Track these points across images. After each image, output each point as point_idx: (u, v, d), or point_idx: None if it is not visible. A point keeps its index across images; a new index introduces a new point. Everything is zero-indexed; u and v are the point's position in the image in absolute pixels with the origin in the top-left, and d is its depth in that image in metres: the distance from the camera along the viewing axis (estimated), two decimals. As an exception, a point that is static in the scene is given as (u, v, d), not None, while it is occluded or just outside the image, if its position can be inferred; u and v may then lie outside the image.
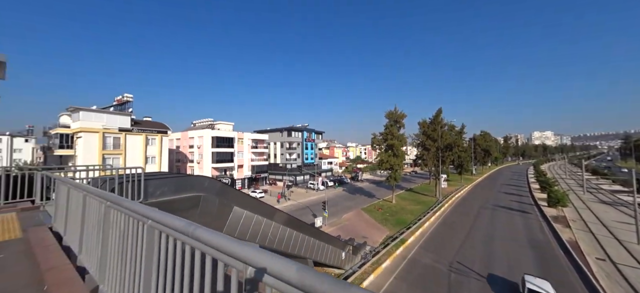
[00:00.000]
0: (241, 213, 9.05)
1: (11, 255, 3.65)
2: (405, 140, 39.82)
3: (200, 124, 56.35)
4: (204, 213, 7.73)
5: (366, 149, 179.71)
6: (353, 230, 26.66)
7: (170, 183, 6.93)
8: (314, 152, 70.33)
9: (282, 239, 10.94)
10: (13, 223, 5.27)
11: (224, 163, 48.01)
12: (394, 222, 29.68)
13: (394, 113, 39.31)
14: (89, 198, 2.97)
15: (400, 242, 21.83)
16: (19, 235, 4.49)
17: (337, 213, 33.42)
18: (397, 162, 37.62)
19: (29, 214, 5.97)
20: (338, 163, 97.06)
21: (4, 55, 6.73)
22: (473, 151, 70.81)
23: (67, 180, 3.84)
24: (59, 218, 4.27)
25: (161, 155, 39.13)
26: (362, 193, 51.46)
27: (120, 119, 36.37)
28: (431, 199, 41.37)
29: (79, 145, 32.02)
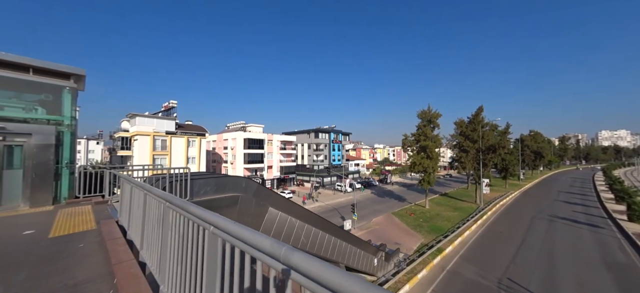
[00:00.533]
0: (276, 214, 9.18)
1: (89, 245, 4.11)
2: (440, 141, 36.95)
3: (233, 126, 60.13)
4: (242, 213, 7.98)
5: (395, 151, 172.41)
6: (384, 235, 25.53)
7: (212, 183, 7.29)
8: (341, 153, 69.74)
9: (314, 242, 10.85)
10: (89, 215, 6.05)
11: (254, 164, 50.39)
12: (428, 228, 27.66)
13: (427, 112, 36.84)
14: (149, 197, 3.14)
15: (437, 251, 20.17)
16: (93, 226, 5.09)
17: (366, 216, 32.47)
18: (431, 165, 35.08)
19: (100, 207, 6.82)
20: (365, 165, 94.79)
21: (83, 70, 7.83)
22: (520, 153, 62.69)
23: (130, 179, 4.20)
24: (123, 213, 4.70)
25: (200, 155, 42.66)
26: (391, 196, 49.36)
27: (166, 123, 40.66)
28: (470, 206, 37.67)
29: (135, 147, 36.59)
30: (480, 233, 25.14)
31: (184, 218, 2.06)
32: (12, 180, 6.91)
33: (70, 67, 7.61)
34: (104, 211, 6.28)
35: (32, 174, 7.02)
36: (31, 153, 7.04)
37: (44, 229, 4.97)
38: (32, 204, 6.97)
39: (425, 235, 25.35)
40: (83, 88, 9.23)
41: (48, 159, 7.22)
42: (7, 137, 6.81)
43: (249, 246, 1.20)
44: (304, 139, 66.06)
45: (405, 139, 39.71)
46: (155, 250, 2.76)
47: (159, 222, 2.74)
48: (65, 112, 7.63)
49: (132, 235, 3.92)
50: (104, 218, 5.62)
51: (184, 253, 2.05)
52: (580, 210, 33.98)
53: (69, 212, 6.37)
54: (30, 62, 7.06)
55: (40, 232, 4.79)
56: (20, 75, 7.02)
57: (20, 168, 7.01)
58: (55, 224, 5.29)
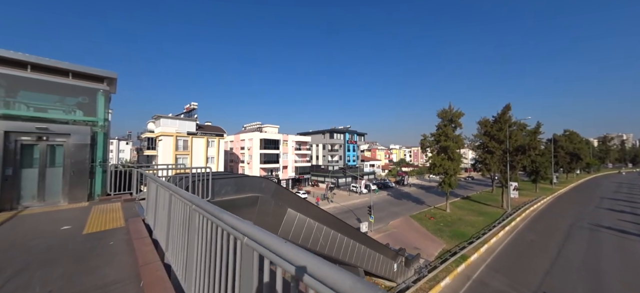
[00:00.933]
0: (294, 216, 9.05)
1: (118, 243, 4.20)
2: (462, 142, 34.95)
3: (250, 127, 61.64)
4: (261, 214, 7.94)
5: (411, 151, 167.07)
6: (402, 239, 24.59)
7: (232, 183, 7.31)
8: (356, 154, 68.77)
9: (333, 245, 10.59)
10: (119, 212, 6.30)
11: (270, 164, 51.21)
12: (450, 233, 26.21)
13: (448, 111, 35.06)
14: (175, 198, 3.07)
15: (461, 258, 18.98)
16: (122, 224, 5.25)
17: (383, 219, 31.57)
18: (453, 166, 33.29)
19: (129, 205, 7.12)
20: (380, 165, 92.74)
21: (115, 73, 8.24)
22: (553, 155, 57.61)
23: (155, 179, 4.23)
24: (149, 212, 4.78)
25: (218, 155, 44.16)
26: (409, 198, 47.70)
27: (188, 124, 42.57)
28: (496, 210, 35.20)
29: (160, 147, 38.71)
30: (508, 241, 23.31)
31: (212, 224, 1.91)
32: (54, 177, 7.41)
33: (104, 70, 8.05)
34: (131, 209, 6.51)
35: (70, 172, 7.49)
36: (70, 152, 7.52)
37: (79, 225, 5.21)
38: (70, 200, 7.43)
39: (447, 241, 24.01)
40: (115, 91, 9.76)
41: (84, 158, 7.67)
42: (50, 137, 7.33)
43: (312, 278, 0.89)
44: (319, 140, 66.03)
45: (424, 139, 38.11)
46: (180, 254, 2.67)
47: (184, 225, 2.65)
48: (99, 114, 8.07)
49: (158, 235, 3.93)
50: (132, 216, 5.80)
51: (212, 261, 1.90)
52: (630, 219, 30.24)
53: (101, 209, 6.69)
54: (70, 67, 7.55)
55: (76, 228, 5.02)
56: (61, 80, 7.52)
57: (60, 167, 7.51)
58: (89, 220, 5.54)
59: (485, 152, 37.02)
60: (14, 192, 6.78)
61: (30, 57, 6.91)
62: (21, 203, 6.92)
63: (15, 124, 6.74)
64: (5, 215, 6.10)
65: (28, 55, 6.89)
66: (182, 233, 2.65)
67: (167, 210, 3.35)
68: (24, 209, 6.78)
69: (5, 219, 5.75)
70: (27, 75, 7.01)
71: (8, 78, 6.89)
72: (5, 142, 6.60)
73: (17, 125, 6.76)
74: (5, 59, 6.71)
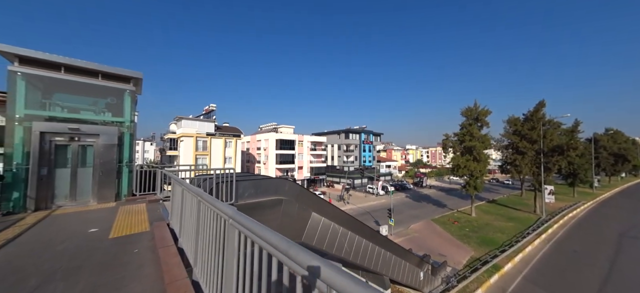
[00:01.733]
0: (319, 220, 8.56)
1: (143, 251, 3.93)
2: (489, 141, 32.52)
3: (265, 127, 62.44)
4: (285, 217, 7.52)
5: (429, 152, 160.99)
6: (425, 244, 23.25)
7: (255, 185, 6.96)
8: (372, 154, 67.13)
9: (358, 251, 9.97)
10: (144, 214, 6.18)
11: (286, 165, 51.41)
12: (477, 240, 24.36)
13: (473, 109, 32.84)
14: (204, 206, 2.67)
15: (493, 268, 17.41)
16: (147, 228, 5.04)
17: (402, 222, 30.24)
18: (479, 168, 31.06)
19: (153, 206, 7.03)
20: (397, 166, 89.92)
21: (140, 73, 8.27)
22: (593, 156, 52.12)
23: (181, 182, 3.93)
24: (175, 217, 4.50)
25: (236, 156, 45.04)
26: (429, 201, 45.55)
27: (207, 125, 43.87)
28: (528, 216, 32.35)
29: (181, 147, 40.22)
30: (547, 251, 21.10)
31: (262, 250, 1.43)
32: (85, 177, 7.54)
33: (130, 71, 8.09)
34: (156, 211, 6.37)
35: (99, 172, 7.58)
36: (99, 152, 7.61)
37: (106, 227, 5.09)
38: (99, 200, 7.51)
39: (475, 248, 22.28)
40: (140, 92, 9.89)
41: (112, 158, 7.74)
42: (81, 137, 7.45)
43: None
44: (334, 140, 65.31)
45: (446, 139, 36.10)
46: (212, 275, 2.24)
47: (217, 240, 2.21)
48: (126, 114, 8.13)
49: (184, 244, 3.60)
50: (157, 219, 5.62)
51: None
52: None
53: (128, 210, 6.63)
54: (99, 68, 7.65)
55: (103, 230, 4.89)
56: (92, 81, 7.64)
57: (90, 167, 7.63)
58: (115, 223, 5.43)
59: (516, 153, 34.17)
60: (49, 192, 6.94)
61: (64, 59, 7.05)
62: (55, 203, 7.08)
63: (50, 125, 6.89)
64: (40, 214, 6.21)
65: (62, 57, 7.03)
66: (215, 249, 2.22)
67: (195, 218, 2.97)
68: (57, 208, 6.93)
69: (39, 219, 5.83)
70: (61, 76, 7.16)
71: (45, 80, 7.08)
72: (41, 143, 6.76)
73: (52, 126, 6.91)
74: (42, 61, 6.88)
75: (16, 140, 6.41)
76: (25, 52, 6.53)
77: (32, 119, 6.63)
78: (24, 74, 6.54)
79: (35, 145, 6.60)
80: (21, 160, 6.47)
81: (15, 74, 6.41)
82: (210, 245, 2.40)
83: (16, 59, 6.51)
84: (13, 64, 6.48)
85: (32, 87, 6.77)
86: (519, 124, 34.62)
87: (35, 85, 6.85)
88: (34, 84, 6.80)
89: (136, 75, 8.25)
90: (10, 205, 6.28)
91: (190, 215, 3.20)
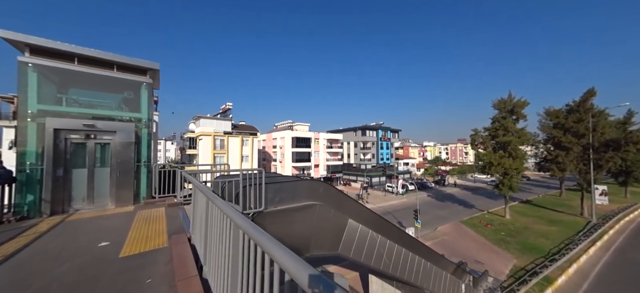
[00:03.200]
0: (356, 228, 7.38)
1: (157, 279, 2.99)
2: (527, 136, 29.28)
3: (281, 125, 62.19)
4: (320, 225, 6.43)
5: (448, 149, 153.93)
6: (458, 249, 21.28)
7: (287, 189, 5.91)
8: (390, 151, 64.62)
9: (397, 262, 8.69)
10: (162, 222, 5.37)
11: (302, 163, 50.73)
12: (518, 245, 21.88)
13: (507, 101, 29.73)
14: (242, 234, 1.58)
15: (544, 280, 15.24)
16: (165, 243, 4.16)
17: (428, 223, 28.23)
18: (515, 166, 28.04)
19: (173, 211, 6.25)
20: (414, 164, 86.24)
21: (157, 64, 7.53)
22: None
23: (205, 190, 2.95)
24: (197, 231, 3.56)
25: (252, 154, 45.04)
26: (453, 200, 42.75)
27: (224, 123, 44.19)
28: (574, 219, 28.84)
29: (200, 146, 40.82)
30: (607, 261, 18.29)
31: None
32: (102, 178, 6.94)
33: (146, 61, 7.38)
34: (176, 218, 5.54)
35: (116, 172, 6.95)
36: (116, 151, 6.98)
37: (119, 239, 4.29)
38: (117, 203, 6.89)
39: (516, 255, 19.91)
40: (158, 86, 9.25)
41: (129, 157, 7.09)
42: (97, 135, 6.85)
43: None
44: (350, 137, 63.58)
45: (475, 135, 33.22)
46: None
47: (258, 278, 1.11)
48: (143, 109, 7.44)
49: (210, 276, 2.59)
50: (176, 229, 4.74)
51: None
52: None
53: (145, 216, 5.89)
54: (114, 58, 6.98)
55: (115, 244, 4.08)
56: (107, 72, 7.00)
57: (108, 167, 7.03)
58: (130, 232, 4.63)
59: (558, 148, 30.56)
60: (65, 194, 6.40)
61: (77, 48, 6.43)
62: (72, 206, 6.53)
63: (65, 122, 6.30)
64: (54, 220, 5.62)
65: (75, 47, 6.41)
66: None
67: (227, 248, 1.92)
68: (74, 212, 6.36)
69: (51, 226, 5.20)
70: (74, 68, 6.55)
71: (58, 72, 6.50)
72: (55, 141, 6.19)
73: (66, 122, 6.32)
74: (54, 51, 6.29)
75: (29, 138, 5.86)
76: (37, 41, 5.95)
77: (45, 115, 6.06)
78: (35, 65, 5.96)
79: (50, 143, 6.03)
80: (35, 159, 5.93)
81: (27, 65, 5.85)
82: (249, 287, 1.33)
83: (27, 48, 5.95)
84: (24, 54, 5.92)
85: (45, 80, 6.19)
86: (562, 116, 30.90)
87: (49, 78, 6.27)
88: (47, 77, 6.22)
89: (153, 66, 7.52)
90: (25, 209, 5.76)
91: (221, 242, 2.17)
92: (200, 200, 3.36)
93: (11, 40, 5.69)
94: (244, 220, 1.54)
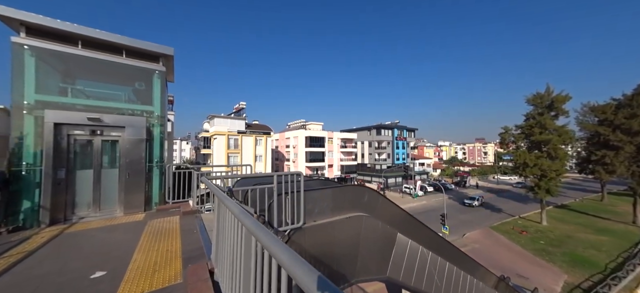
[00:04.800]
0: (405, 244, 6.01)
1: None
2: (569, 135, 26.25)
3: (294, 125, 61.42)
4: (367, 247, 5.12)
5: (465, 148, 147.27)
6: (492, 260, 19.16)
7: (328, 197, 4.67)
8: (406, 151, 62.02)
9: (449, 283, 7.22)
10: (176, 239, 4.28)
11: (316, 163, 49.59)
12: (564, 258, 19.38)
13: (544, 95, 26.90)
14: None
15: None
16: (178, 276, 3.01)
17: (455, 229, 26.08)
18: (555, 167, 25.24)
19: (188, 222, 5.18)
20: (430, 164, 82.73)
21: (171, 48, 6.54)
22: None
23: (231, 206, 1.76)
24: (221, 266, 2.38)
25: (266, 154, 44.46)
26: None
27: (238, 123, 43.92)
28: (624, 228, 25.55)
29: (214, 146, 40.72)
30: (677, 280, 15.59)
31: None
32: (110, 181, 6.03)
33: (159, 45, 6.41)
34: (192, 233, 4.43)
35: (126, 174, 6.01)
36: (125, 149, 6.04)
37: (119, 267, 3.20)
38: (126, 210, 5.95)
39: (566, 269, 17.50)
40: (172, 77, 8.33)
41: (140, 156, 6.12)
42: (105, 131, 5.93)
43: None
44: (365, 137, 61.64)
45: (505, 133, 30.57)
46: None
47: None
48: (155, 101, 6.47)
49: None
50: (193, 252, 3.61)
51: None
52: None
53: (157, 227, 4.85)
54: (123, 42, 6.04)
55: (112, 276, 2.99)
56: (115, 58, 6.07)
57: (116, 168, 6.10)
58: (135, 256, 3.54)
59: (605, 148, 27.25)
60: (68, 199, 5.51)
61: (80, 28, 5.51)
62: (76, 213, 5.64)
63: (66, 115, 5.41)
64: (51, 231, 4.69)
65: (78, 26, 5.50)
66: None
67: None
68: (77, 221, 5.46)
69: (45, 240, 4.24)
70: (78, 52, 5.65)
71: (60, 57, 5.63)
72: (56, 137, 5.30)
73: (68, 115, 5.42)
74: (55, 31, 5.40)
75: (25, 133, 4.99)
76: (34, 18, 5.08)
77: (45, 107, 5.18)
78: (33, 48, 5.08)
79: (49, 140, 5.14)
80: (33, 159, 5.05)
81: (22, 47, 4.97)
82: None
83: (23, 27, 5.08)
84: (18, 34, 5.06)
85: (45, 66, 5.32)
86: (610, 112, 27.53)
87: (49, 63, 5.40)
88: (47, 62, 5.35)
89: (166, 51, 6.54)
90: (20, 218, 4.89)
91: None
92: (228, 220, 2.16)
93: (3, 17, 4.83)
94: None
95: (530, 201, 38.96)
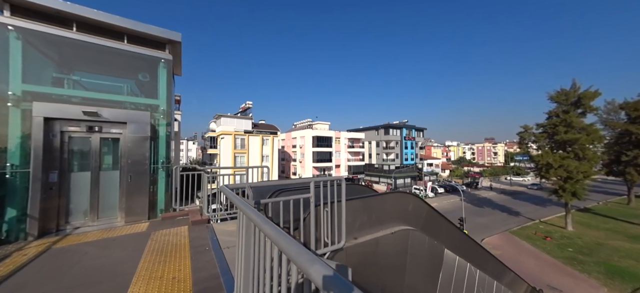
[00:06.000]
0: (453, 261, 5.06)
1: None
2: (599, 134, 24.56)
3: (300, 124, 60.68)
4: (413, 266, 4.17)
5: (474, 149, 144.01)
6: (517, 269, 17.69)
7: (370, 207, 3.75)
8: (414, 151, 60.47)
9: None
10: (185, 260, 3.45)
11: (323, 163, 48.70)
12: (599, 268, 17.81)
13: (570, 92, 25.28)
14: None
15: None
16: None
17: (472, 234, 24.65)
18: (582, 168, 23.64)
19: (199, 233, 4.38)
20: (438, 164, 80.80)
21: (178, 34, 5.74)
22: None
23: (259, 222, 0.91)
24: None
25: (273, 154, 43.82)
26: (492, 206, 38.34)
27: (244, 122, 43.41)
28: (655, 233, 23.74)
29: (221, 145, 40.30)
30: None
31: None
32: (110, 184, 5.27)
33: (165, 30, 5.63)
34: (204, 249, 3.59)
35: (128, 177, 5.24)
36: (127, 148, 5.27)
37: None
38: (128, 217, 5.18)
39: (604, 281, 16.00)
40: (180, 70, 7.57)
41: (143, 156, 5.35)
42: (103, 127, 5.17)
43: None
44: (372, 136, 60.39)
45: (524, 132, 29.02)
46: None
47: None
48: (160, 94, 5.68)
49: None
50: (206, 280, 2.77)
51: None
52: None
53: (162, 241, 4.04)
54: (124, 25, 5.26)
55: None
56: (116, 44, 5.30)
57: (117, 169, 5.34)
58: (132, 286, 2.72)
59: (637, 148, 25.43)
60: (61, 206, 4.76)
61: (74, 7, 4.76)
62: (70, 222, 4.88)
63: (59, 108, 4.66)
64: (37, 247, 3.91)
65: (72, 5, 4.75)
66: None
67: None
68: (71, 232, 4.70)
69: (26, 260, 3.45)
70: (73, 36, 4.89)
71: (52, 40, 4.90)
72: (47, 134, 4.56)
73: (61, 109, 4.67)
74: (45, 10, 4.65)
75: (10, 130, 4.25)
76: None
77: (34, 98, 4.44)
78: (19, 30, 4.34)
79: (39, 137, 4.40)
80: (19, 160, 4.31)
81: (6, 28, 4.24)
82: None
83: (6, 5, 4.35)
84: (2, 13, 4.33)
85: (34, 52, 4.58)
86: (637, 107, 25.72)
87: (38, 48, 4.66)
88: (36, 47, 4.61)
89: (173, 36, 5.75)
90: (4, 229, 4.15)
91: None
92: (267, 252, 1.28)
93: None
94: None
95: (548, 203, 37.09)
